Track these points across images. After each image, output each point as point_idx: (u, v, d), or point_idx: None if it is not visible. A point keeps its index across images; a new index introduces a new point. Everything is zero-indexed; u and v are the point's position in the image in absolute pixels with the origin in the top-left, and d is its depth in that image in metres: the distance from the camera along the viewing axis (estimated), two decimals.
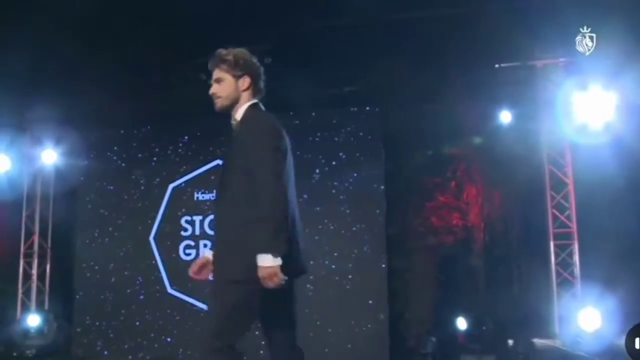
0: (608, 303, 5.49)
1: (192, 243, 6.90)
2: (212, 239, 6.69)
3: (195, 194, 6.94)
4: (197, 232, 6.88)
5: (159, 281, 6.89)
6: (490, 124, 6.58)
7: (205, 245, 6.83)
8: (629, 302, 5.35)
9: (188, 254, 6.88)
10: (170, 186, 7.02)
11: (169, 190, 7.01)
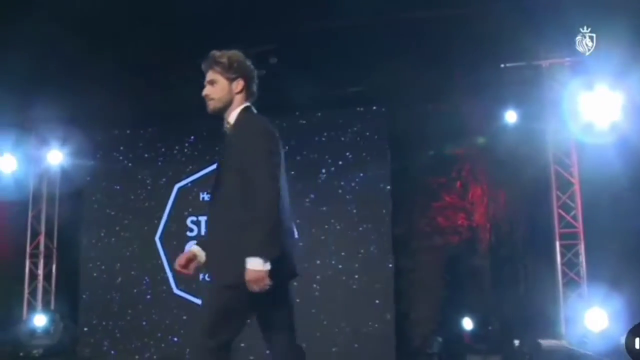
0: (615, 303, 5.49)
1: None
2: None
3: (201, 194, 6.95)
4: (203, 233, 6.89)
5: (165, 281, 6.91)
6: (495, 123, 6.58)
7: None
8: (635, 302, 5.35)
9: None
10: (176, 186, 7.03)
11: (174, 191, 7.03)
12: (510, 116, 6.50)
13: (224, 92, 2.67)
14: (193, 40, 5.97)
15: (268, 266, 2.37)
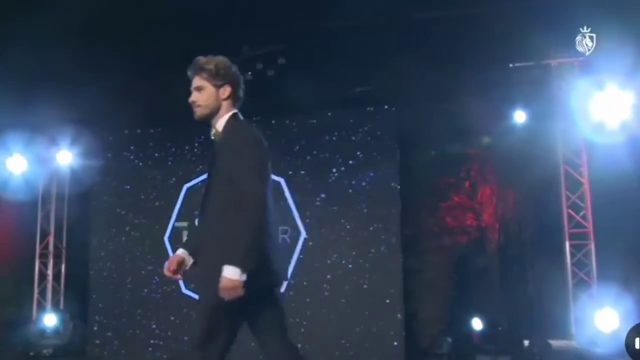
0: (625, 303, 5.47)
1: None
2: None
3: None
4: None
5: (174, 281, 6.89)
6: (504, 123, 6.56)
7: None
8: None
9: None
10: (186, 186, 7.05)
11: (184, 190, 7.04)
12: (519, 116, 6.49)
13: (211, 99, 2.67)
14: (203, 40, 6.00)
15: (244, 277, 2.36)
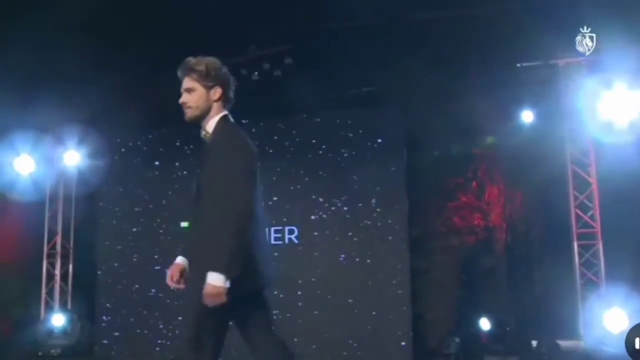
0: (634, 303, 5.44)
1: None
2: None
3: None
4: None
5: None
6: (511, 123, 6.55)
7: None
8: None
9: None
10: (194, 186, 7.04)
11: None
12: (527, 116, 6.48)
13: (201, 100, 2.65)
14: (210, 40, 6.01)
15: (228, 284, 2.37)
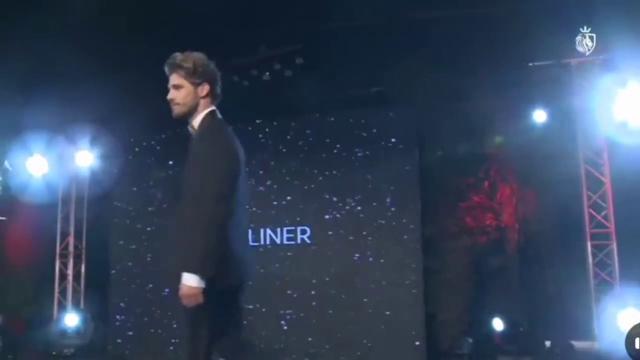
0: None
1: None
2: None
3: None
4: None
5: None
6: (524, 123, 6.52)
7: None
8: None
9: None
10: None
11: None
12: (539, 115, 6.46)
13: (189, 97, 2.62)
14: (221, 40, 6.03)
15: (203, 284, 2.38)
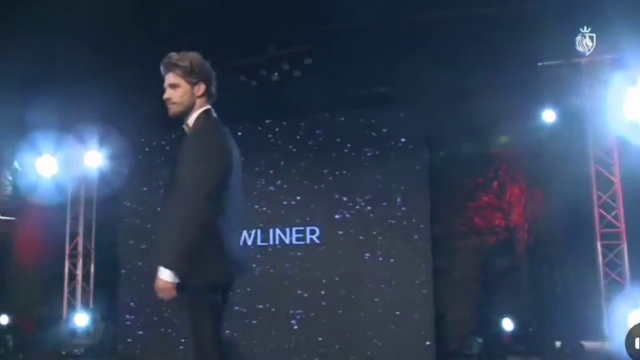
0: None
1: None
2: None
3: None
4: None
5: None
6: (533, 123, 6.51)
7: None
8: None
9: None
10: None
11: None
12: (548, 115, 6.44)
13: (186, 96, 2.62)
14: (229, 40, 6.03)
15: (177, 280, 2.41)
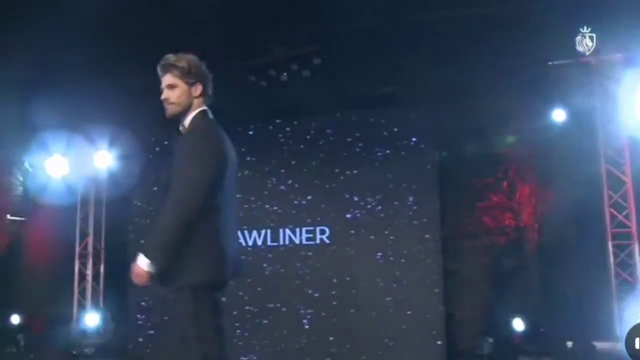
0: None
1: None
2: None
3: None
4: (250, 243, 7.01)
5: None
6: (543, 122, 6.48)
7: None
8: None
9: None
10: None
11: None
12: (559, 114, 6.41)
13: (184, 97, 2.64)
14: (237, 41, 6.04)
15: (152, 270, 2.47)
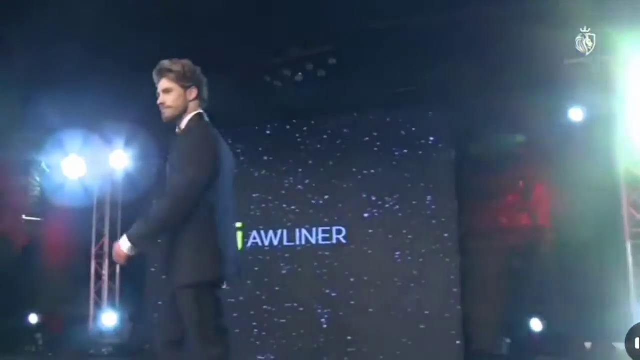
0: None
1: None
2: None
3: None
4: (266, 243, 7.03)
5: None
6: (560, 121, 6.44)
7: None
8: None
9: None
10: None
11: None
12: (576, 113, 6.37)
13: (180, 100, 2.68)
14: (251, 41, 6.05)
15: (132, 252, 2.57)
